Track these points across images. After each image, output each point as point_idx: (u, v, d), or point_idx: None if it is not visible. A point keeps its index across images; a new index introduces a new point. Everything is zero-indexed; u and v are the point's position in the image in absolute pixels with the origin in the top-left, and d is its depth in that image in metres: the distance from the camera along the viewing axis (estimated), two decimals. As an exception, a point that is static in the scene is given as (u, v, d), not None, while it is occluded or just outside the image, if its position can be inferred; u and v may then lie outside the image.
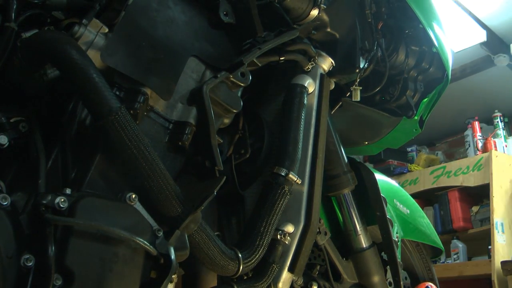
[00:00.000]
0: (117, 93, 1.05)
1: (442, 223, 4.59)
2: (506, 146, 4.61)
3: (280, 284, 1.26)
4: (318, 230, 1.38)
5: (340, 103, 1.69)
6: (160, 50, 1.13)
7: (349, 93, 1.63)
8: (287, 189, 1.25)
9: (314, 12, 1.43)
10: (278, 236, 1.26)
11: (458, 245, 4.47)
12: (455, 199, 4.51)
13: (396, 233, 1.64)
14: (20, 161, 1.00)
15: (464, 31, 4.09)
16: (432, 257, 2.03)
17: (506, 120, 4.87)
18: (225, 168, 1.32)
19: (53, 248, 0.85)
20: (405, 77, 1.75)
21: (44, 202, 0.87)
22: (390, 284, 1.59)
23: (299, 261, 1.28)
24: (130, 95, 1.06)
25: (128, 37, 1.09)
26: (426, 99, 1.79)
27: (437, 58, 1.76)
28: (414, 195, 4.21)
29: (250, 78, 1.24)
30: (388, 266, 1.60)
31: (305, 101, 1.40)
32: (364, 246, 1.56)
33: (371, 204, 1.57)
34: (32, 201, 0.89)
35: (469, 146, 4.81)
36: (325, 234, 1.46)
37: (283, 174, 1.26)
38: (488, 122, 4.95)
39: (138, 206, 0.99)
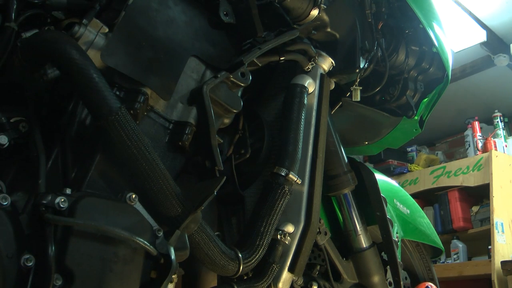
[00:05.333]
0: (117, 93, 1.05)
1: (442, 223, 4.59)
2: (506, 146, 4.61)
3: (280, 284, 1.26)
4: (318, 230, 1.38)
5: (340, 103, 1.69)
6: (160, 50, 1.13)
7: (349, 93, 1.63)
8: (287, 189, 1.25)
9: (314, 12, 1.43)
10: (278, 236, 1.25)
11: (458, 245, 4.47)
12: (455, 199, 4.51)
13: (396, 233, 1.64)
14: (20, 161, 1.00)
15: (464, 31, 4.09)
16: (432, 257, 2.03)
17: (506, 120, 4.88)
18: (225, 168, 1.32)
19: (53, 248, 0.85)
20: (405, 77, 1.75)
21: (44, 202, 0.87)
22: (390, 284, 1.59)
23: (299, 261, 1.28)
24: (130, 95, 1.06)
25: (128, 37, 1.09)
26: (426, 99, 1.79)
27: (437, 58, 1.76)
28: (414, 195, 4.22)
29: (250, 78, 1.24)
30: (388, 266, 1.60)
31: (305, 101, 1.40)
32: (364, 246, 1.56)
33: (371, 204, 1.57)
34: (32, 201, 0.90)
35: (469, 146, 4.81)
36: (325, 234, 1.46)
37: (283, 174, 1.26)
38: (488, 122, 4.96)
39: (138, 206, 0.99)
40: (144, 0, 1.13)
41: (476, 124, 4.77)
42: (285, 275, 1.27)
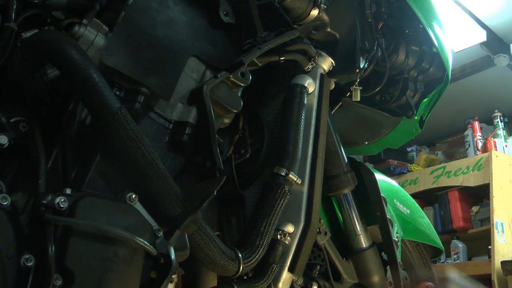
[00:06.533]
0: (117, 93, 1.05)
1: (442, 223, 4.59)
2: (506, 146, 4.62)
3: (280, 284, 1.26)
4: (318, 230, 1.38)
5: (340, 103, 1.70)
6: (160, 50, 1.13)
7: (349, 93, 1.63)
8: (287, 189, 1.25)
9: (314, 12, 1.43)
10: (278, 236, 1.25)
11: (458, 245, 4.47)
12: (455, 199, 4.51)
13: (396, 233, 1.64)
14: (20, 161, 1.00)
15: (464, 31, 4.09)
16: (432, 257, 2.03)
17: (506, 120, 4.88)
18: (225, 168, 1.32)
19: (53, 248, 0.85)
20: (405, 77, 1.75)
21: (44, 202, 0.87)
22: (390, 284, 1.59)
23: (299, 261, 1.28)
24: (130, 95, 1.06)
25: (128, 37, 1.09)
26: (426, 99, 1.80)
27: (437, 58, 1.76)
28: (414, 195, 4.22)
29: (250, 78, 1.24)
30: (388, 266, 1.60)
31: (305, 101, 1.40)
32: (364, 246, 1.56)
33: (371, 204, 1.57)
34: (32, 201, 0.89)
35: (469, 146, 4.81)
36: (325, 234, 1.46)
37: (283, 174, 1.26)
38: (488, 122, 4.96)
39: (138, 206, 0.99)
40: (144, 0, 1.13)
41: (476, 124, 4.77)
42: (285, 275, 1.27)
